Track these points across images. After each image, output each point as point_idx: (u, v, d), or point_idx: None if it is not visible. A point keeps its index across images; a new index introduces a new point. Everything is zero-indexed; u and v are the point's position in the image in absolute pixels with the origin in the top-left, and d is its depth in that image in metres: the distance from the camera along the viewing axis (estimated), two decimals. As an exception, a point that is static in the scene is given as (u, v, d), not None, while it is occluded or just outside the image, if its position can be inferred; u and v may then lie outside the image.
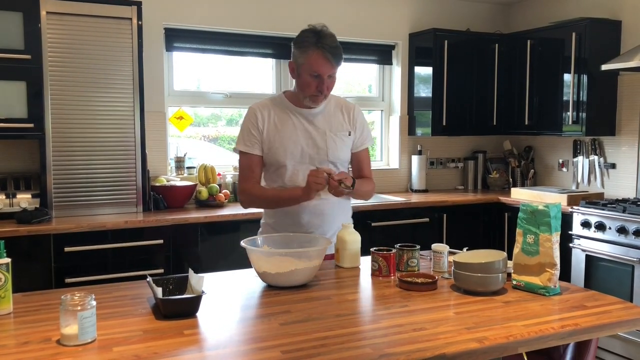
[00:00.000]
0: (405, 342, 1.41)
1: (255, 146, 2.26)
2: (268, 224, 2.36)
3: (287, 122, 2.26)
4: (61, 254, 3.11)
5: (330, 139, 2.27)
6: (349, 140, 2.33)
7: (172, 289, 1.74)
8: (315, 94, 2.19)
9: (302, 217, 2.25)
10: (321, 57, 2.13)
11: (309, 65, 2.14)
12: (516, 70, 4.58)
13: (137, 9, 3.43)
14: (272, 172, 2.30)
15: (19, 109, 3.21)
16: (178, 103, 4.06)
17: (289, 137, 2.24)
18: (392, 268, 2.03)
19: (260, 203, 2.33)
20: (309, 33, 2.17)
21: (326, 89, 2.19)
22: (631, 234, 3.39)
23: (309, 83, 2.17)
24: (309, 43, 2.14)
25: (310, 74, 2.15)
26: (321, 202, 2.25)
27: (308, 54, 2.14)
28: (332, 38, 2.16)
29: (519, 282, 1.85)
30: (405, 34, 4.69)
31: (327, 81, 2.17)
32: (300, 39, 2.19)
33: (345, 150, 2.33)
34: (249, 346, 1.39)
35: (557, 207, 1.82)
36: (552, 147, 4.73)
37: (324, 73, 2.15)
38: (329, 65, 2.15)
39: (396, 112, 4.77)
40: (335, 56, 2.14)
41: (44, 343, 1.40)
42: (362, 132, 2.38)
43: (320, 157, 2.26)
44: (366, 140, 2.41)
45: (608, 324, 1.58)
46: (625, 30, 4.12)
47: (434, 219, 4.17)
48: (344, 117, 2.33)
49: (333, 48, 2.14)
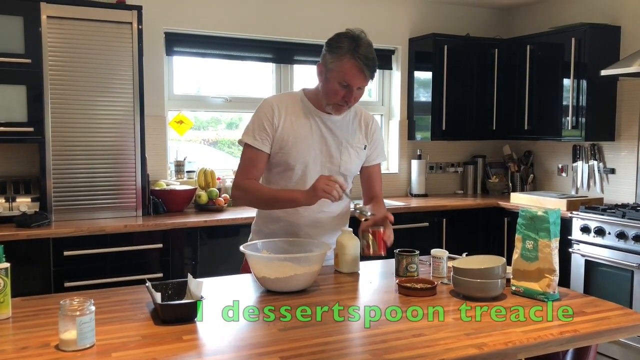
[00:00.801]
0: (405, 348, 1.41)
1: (265, 142, 2.11)
2: (262, 232, 2.25)
3: (304, 123, 2.14)
4: (60, 258, 3.11)
5: (346, 150, 2.18)
6: (363, 154, 2.25)
7: (171, 294, 1.74)
8: (341, 103, 2.08)
9: (301, 228, 2.17)
10: (355, 67, 2.00)
11: (341, 73, 2.01)
12: (516, 75, 4.58)
13: (138, 13, 3.43)
14: (278, 173, 2.17)
15: (19, 113, 3.21)
16: (178, 107, 4.06)
17: (303, 140, 2.12)
18: (380, 244, 1.99)
19: (255, 201, 2.18)
20: (346, 38, 2.02)
21: (353, 100, 2.08)
22: (630, 239, 3.39)
23: (336, 91, 2.05)
24: (345, 50, 2.00)
25: (339, 82, 2.03)
26: (322, 214, 2.17)
27: (342, 61, 2.00)
28: (370, 48, 2.03)
29: (518, 287, 1.85)
30: (405, 39, 4.70)
31: (356, 93, 2.06)
32: (336, 43, 2.03)
33: (358, 163, 2.25)
34: (247, 352, 1.39)
35: (557, 213, 1.82)
36: (551, 152, 4.73)
37: (355, 84, 2.03)
38: (362, 77, 2.02)
39: (396, 117, 4.77)
40: (370, 68, 2.02)
41: (42, 348, 1.39)
42: (377, 147, 2.29)
43: (333, 167, 2.16)
44: (380, 155, 2.32)
45: (607, 330, 1.58)
46: (624, 35, 4.13)
47: (433, 224, 4.17)
48: (361, 129, 2.24)
49: (369, 59, 2.01)
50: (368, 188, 2.31)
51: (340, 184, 1.95)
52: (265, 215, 2.26)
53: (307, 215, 2.15)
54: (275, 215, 2.19)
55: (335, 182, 1.94)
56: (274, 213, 2.19)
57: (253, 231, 2.33)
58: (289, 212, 2.15)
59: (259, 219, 2.30)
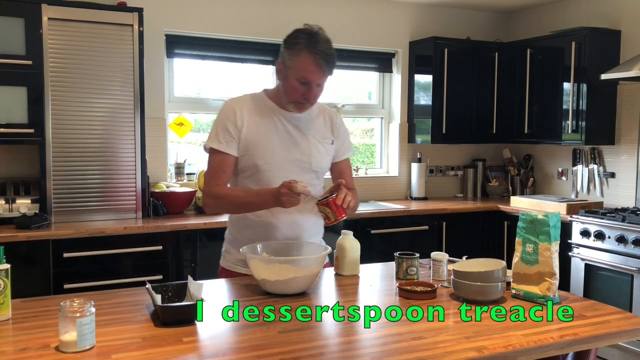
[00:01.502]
0: (404, 351, 1.41)
1: (231, 145, 2.04)
2: (237, 240, 2.14)
3: (269, 123, 2.08)
4: (60, 259, 3.11)
5: (314, 146, 2.13)
6: (331, 149, 2.19)
7: (171, 296, 1.74)
8: (301, 101, 2.03)
9: (278, 230, 2.09)
10: (313, 63, 1.96)
11: (299, 70, 1.97)
12: (516, 79, 4.59)
13: (139, 15, 3.44)
14: (246, 177, 2.10)
15: (19, 115, 3.21)
16: (178, 109, 4.06)
17: (270, 140, 2.06)
18: (337, 211, 1.92)
19: (229, 207, 2.13)
20: (303, 34, 1.99)
21: (313, 97, 2.04)
22: (630, 243, 3.39)
23: (295, 88, 2.00)
24: (302, 46, 1.96)
25: (298, 79, 1.99)
26: (298, 214, 2.09)
27: (299, 58, 1.97)
28: (328, 44, 1.99)
29: (518, 291, 1.85)
30: (405, 42, 4.71)
31: (316, 89, 2.02)
32: (293, 39, 2.00)
33: (328, 159, 2.19)
34: (248, 354, 1.38)
35: (557, 217, 1.82)
36: (551, 156, 4.74)
37: (313, 80, 1.99)
38: (320, 73, 1.99)
39: (396, 120, 4.77)
40: (329, 64, 1.98)
41: (42, 350, 1.39)
42: (344, 141, 2.24)
43: (304, 166, 2.11)
44: (348, 150, 2.27)
45: (607, 334, 1.58)
46: (624, 40, 4.14)
47: (433, 227, 4.17)
48: (326, 125, 2.19)
49: (327, 55, 1.97)
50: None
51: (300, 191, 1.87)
52: (238, 222, 2.17)
53: (283, 217, 2.08)
54: (250, 220, 2.11)
55: (295, 188, 1.86)
56: (248, 219, 2.11)
57: (227, 240, 2.23)
58: (264, 216, 2.08)
59: (232, 227, 2.21)
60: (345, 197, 1.93)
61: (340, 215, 1.94)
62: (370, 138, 4.95)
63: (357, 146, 4.88)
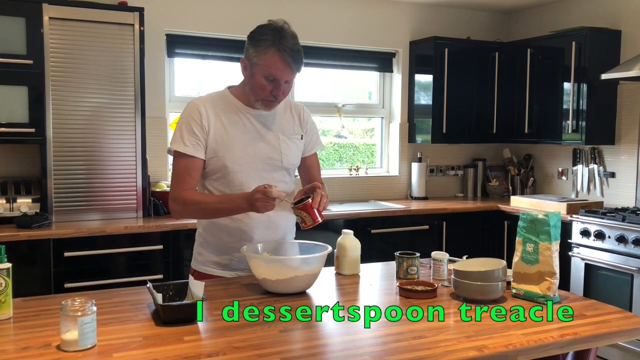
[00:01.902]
0: (405, 350, 1.41)
1: (197, 148, 1.97)
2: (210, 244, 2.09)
3: (236, 123, 2.02)
4: (61, 259, 3.11)
5: (284, 143, 2.07)
6: (301, 144, 2.14)
7: (172, 295, 1.74)
8: (270, 98, 1.97)
9: (254, 232, 2.05)
10: (280, 60, 1.90)
11: (266, 67, 1.91)
12: (516, 79, 4.59)
13: (139, 15, 3.44)
14: (216, 179, 2.03)
15: (20, 114, 3.22)
16: (179, 109, 4.06)
17: (239, 140, 2.00)
18: (313, 214, 1.88)
19: (198, 213, 2.03)
20: (268, 30, 1.93)
21: (282, 95, 1.98)
22: (630, 243, 3.40)
23: (263, 86, 1.94)
24: (269, 43, 1.90)
25: (265, 77, 1.93)
26: (275, 215, 2.03)
27: (266, 55, 1.91)
28: (295, 39, 1.94)
29: (519, 290, 1.85)
30: (406, 42, 4.71)
31: (284, 86, 1.96)
32: (259, 36, 1.94)
33: (298, 155, 2.15)
34: (248, 353, 1.39)
35: (557, 216, 1.83)
36: (551, 156, 4.74)
37: (281, 78, 1.93)
38: (289, 70, 1.93)
39: (396, 120, 4.78)
40: (296, 60, 1.92)
41: (43, 348, 1.40)
42: (313, 135, 2.19)
43: (275, 164, 2.06)
44: (316, 144, 2.21)
45: (607, 333, 1.58)
46: (624, 39, 4.14)
47: (433, 227, 4.17)
48: (294, 119, 2.13)
49: (295, 51, 1.91)
50: (309, 179, 2.19)
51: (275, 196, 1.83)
52: (210, 226, 2.09)
53: (258, 218, 2.01)
54: (223, 223, 2.05)
55: (270, 193, 1.82)
56: (221, 222, 2.05)
57: (199, 244, 2.14)
58: (238, 219, 2.03)
59: (203, 230, 2.12)
60: (321, 199, 1.90)
61: (316, 219, 1.90)
62: (370, 138, 4.95)
63: (357, 146, 4.88)
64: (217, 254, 2.10)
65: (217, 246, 2.07)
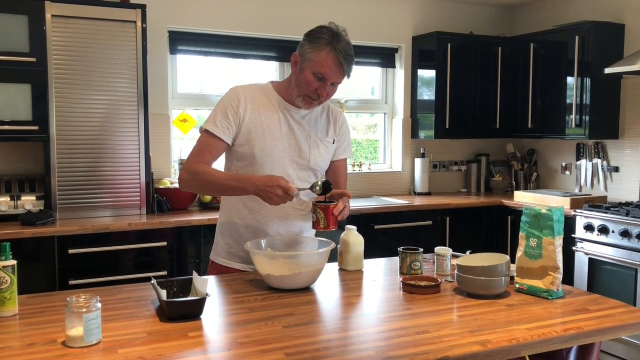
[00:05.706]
0: (409, 345, 1.41)
1: (226, 132, 2.01)
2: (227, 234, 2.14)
3: (272, 116, 2.06)
4: (65, 256, 3.12)
5: (314, 144, 2.11)
6: (332, 148, 2.18)
7: (176, 291, 1.75)
8: (312, 96, 2.01)
9: (269, 225, 2.09)
10: (333, 60, 1.96)
11: (318, 64, 1.96)
12: (519, 74, 4.58)
13: (142, 12, 3.44)
14: (243, 167, 2.07)
15: (23, 112, 3.22)
16: (182, 105, 4.07)
17: (271, 133, 2.04)
18: (330, 220, 1.92)
19: (203, 185, 2.04)
20: (327, 30, 1.99)
21: (325, 95, 2.02)
22: (634, 237, 3.39)
23: (309, 82, 1.98)
24: (325, 41, 1.96)
25: (315, 74, 1.97)
26: (293, 211, 2.10)
27: (320, 52, 1.96)
28: (349, 45, 2.01)
29: (522, 285, 1.85)
30: (408, 37, 4.70)
31: (329, 88, 2.01)
32: (317, 34, 2.00)
33: (327, 158, 2.18)
34: (253, 348, 1.39)
35: (560, 211, 1.82)
36: (555, 150, 4.73)
37: (330, 77, 1.98)
38: (339, 72, 1.99)
39: (399, 115, 4.77)
40: (348, 64, 1.99)
41: (49, 345, 1.40)
42: (344, 141, 2.23)
43: (302, 162, 2.09)
44: (346, 150, 2.25)
45: (611, 327, 1.58)
46: (628, 33, 4.12)
47: (436, 222, 4.17)
48: (329, 123, 2.18)
49: (348, 55, 1.98)
50: (333, 183, 2.17)
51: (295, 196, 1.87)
52: (229, 215, 2.14)
53: (276, 211, 2.06)
54: (242, 213, 2.11)
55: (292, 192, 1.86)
56: (241, 212, 2.11)
57: (219, 233, 2.20)
58: (256, 210, 2.08)
59: (224, 220, 2.18)
60: (343, 209, 1.95)
61: (330, 226, 1.94)
62: (373, 133, 4.95)
63: (360, 142, 4.88)
64: (234, 246, 2.14)
65: (235, 237, 2.12)
